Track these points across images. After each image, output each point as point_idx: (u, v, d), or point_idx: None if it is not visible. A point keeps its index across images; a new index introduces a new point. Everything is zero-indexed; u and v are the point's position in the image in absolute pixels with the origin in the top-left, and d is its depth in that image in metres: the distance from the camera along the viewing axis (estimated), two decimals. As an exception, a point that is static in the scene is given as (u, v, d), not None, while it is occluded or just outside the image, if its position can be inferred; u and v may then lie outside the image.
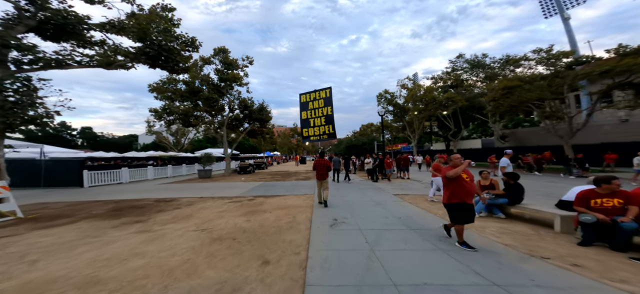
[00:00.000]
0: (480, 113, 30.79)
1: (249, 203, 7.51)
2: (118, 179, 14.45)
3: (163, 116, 16.19)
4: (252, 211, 6.39)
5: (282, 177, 16.12)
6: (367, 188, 10.44)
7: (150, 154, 33.57)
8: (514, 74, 23.61)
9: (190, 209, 6.74)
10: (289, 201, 7.70)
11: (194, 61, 19.05)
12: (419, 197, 8.09)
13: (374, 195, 8.70)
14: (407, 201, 7.38)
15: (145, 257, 3.54)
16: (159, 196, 9.11)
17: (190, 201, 7.83)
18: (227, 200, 8.09)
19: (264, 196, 8.73)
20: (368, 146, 21.21)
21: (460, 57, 29.47)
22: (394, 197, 8.06)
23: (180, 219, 5.64)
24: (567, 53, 15.08)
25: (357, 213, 6.00)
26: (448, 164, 3.93)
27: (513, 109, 19.17)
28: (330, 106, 8.27)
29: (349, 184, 12.08)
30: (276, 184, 12.46)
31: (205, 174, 16.81)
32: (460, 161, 3.68)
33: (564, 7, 39.38)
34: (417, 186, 11.22)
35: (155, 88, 15.34)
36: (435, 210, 6.13)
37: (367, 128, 47.62)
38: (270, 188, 10.83)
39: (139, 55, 7.37)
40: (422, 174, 16.34)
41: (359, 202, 7.44)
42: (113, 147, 57.07)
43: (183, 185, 12.84)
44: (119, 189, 11.88)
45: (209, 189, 10.97)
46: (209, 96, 16.42)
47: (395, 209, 6.31)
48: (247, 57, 20.77)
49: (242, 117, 22.55)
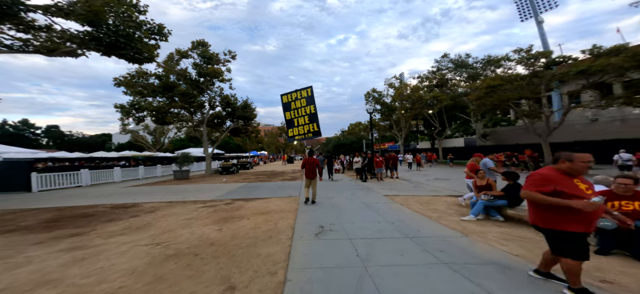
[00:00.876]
0: (463, 112, 31.64)
1: (224, 208, 6.65)
2: (77, 182, 12.81)
3: (131, 113, 14.57)
4: (227, 218, 5.56)
5: (267, 178, 15.23)
6: (356, 189, 9.90)
7: (123, 154, 31.01)
8: (495, 74, 24.41)
9: (150, 216, 5.76)
10: (271, 205, 6.94)
11: (169, 54, 17.57)
12: (410, 198, 7.64)
13: (363, 196, 8.15)
14: (399, 203, 6.89)
15: (59, 286, 2.66)
16: (118, 201, 7.94)
17: (154, 207, 6.81)
18: (200, 204, 7.16)
19: (243, 199, 7.88)
20: (356, 145, 20.78)
21: (445, 57, 29.96)
22: (385, 199, 7.56)
23: (132, 231, 4.69)
24: (545, 53, 15.56)
25: (346, 218, 5.38)
26: (564, 163, 2.27)
27: (495, 108, 19.66)
28: (313, 104, 8.26)
29: (336, 184, 11.51)
30: (260, 185, 11.59)
31: (182, 175, 15.48)
32: (586, 165, 2.22)
33: (539, 11, 41.61)
34: (406, 186, 10.86)
35: (122, 82, 13.75)
36: (429, 212, 5.66)
37: (356, 127, 47.53)
38: (252, 190, 9.96)
39: (89, 41, 6.22)
40: (411, 174, 16.16)
41: (347, 204, 6.84)
42: (83, 147, 53.03)
43: (153, 188, 11.57)
44: (75, 193, 10.42)
45: (181, 192, 9.88)
46: (185, 92, 15.07)
47: (387, 213, 5.77)
48: (230, 52, 19.55)
49: (224, 114, 21.25)
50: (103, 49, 6.38)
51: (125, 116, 14.43)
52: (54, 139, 59.77)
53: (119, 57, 6.83)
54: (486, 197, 4.71)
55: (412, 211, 5.85)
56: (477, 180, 5.08)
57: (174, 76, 16.69)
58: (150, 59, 7.41)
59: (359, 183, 11.78)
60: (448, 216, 5.30)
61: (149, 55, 7.37)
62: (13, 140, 47.75)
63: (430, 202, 6.93)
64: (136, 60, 7.17)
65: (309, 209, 6.27)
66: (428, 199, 7.29)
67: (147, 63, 7.51)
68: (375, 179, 13.01)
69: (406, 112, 30.80)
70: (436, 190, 9.58)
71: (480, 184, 5.00)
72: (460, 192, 9.24)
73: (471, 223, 4.67)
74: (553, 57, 15.53)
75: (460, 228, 4.43)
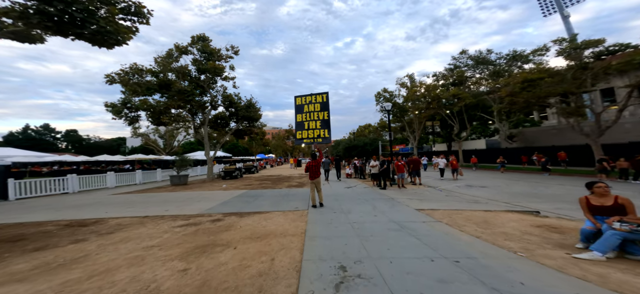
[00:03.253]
0: (485, 112, 29.14)
1: (209, 228, 5.00)
2: (64, 189, 11.62)
3: (122, 112, 13.33)
4: (205, 247, 3.90)
5: (272, 184, 13.60)
6: (377, 198, 8.07)
7: (128, 158, 30.45)
8: (522, 70, 22.01)
9: (96, 243, 4.15)
10: (271, 223, 5.24)
11: (168, 51, 16.45)
12: (454, 214, 5.73)
13: (389, 209, 6.32)
14: (444, 222, 5.01)
15: None
16: (83, 215, 6.46)
17: (119, 225, 5.24)
18: (181, 221, 5.55)
19: (238, 214, 6.23)
20: (370, 147, 18.82)
21: (464, 54, 27.78)
22: (420, 215, 5.69)
23: (46, 271, 3.07)
24: (596, 41, 13.25)
25: (376, 249, 3.60)
26: None
27: (529, 105, 17.32)
28: (327, 111, 8.28)
29: (351, 192, 9.71)
30: (262, 193, 9.96)
31: (180, 180, 14.09)
32: None
33: (563, 5, 38.57)
34: (436, 194, 8.91)
35: (114, 79, 12.58)
36: (501, 240, 3.78)
37: (365, 129, 45.56)
38: (251, 200, 8.32)
39: (32, 16, 4.80)
40: (436, 179, 13.96)
41: (372, 223, 5.04)
42: (100, 150, 54.38)
43: (141, 196, 10.16)
44: (50, 203, 9.13)
45: (168, 202, 8.35)
46: (182, 89, 13.77)
47: (436, 240, 3.93)
48: (232, 47, 18.31)
49: (227, 115, 19.97)
50: (52, 26, 4.95)
51: (116, 116, 13.25)
52: (73, 143, 61.88)
53: (79, 38, 5.41)
54: (628, 226, 2.79)
55: (473, 237, 3.99)
56: (593, 197, 3.20)
57: (173, 73, 15.51)
58: (121, 42, 5.94)
59: (377, 191, 9.93)
60: (540, 248, 3.41)
61: (121, 38, 5.91)
62: (34, 144, 49.47)
63: (489, 220, 5.01)
64: (103, 43, 5.72)
65: (321, 232, 4.53)
66: (483, 216, 5.37)
67: (117, 46, 6.03)
68: (395, 186, 11.13)
69: (421, 112, 28.64)
70: (478, 200, 7.60)
71: (605, 205, 3.09)
72: (509, 201, 7.28)
73: (599, 265, 2.78)
74: (606, 46, 13.20)
75: (592, 277, 2.55)
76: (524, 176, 14.43)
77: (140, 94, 13.44)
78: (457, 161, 14.16)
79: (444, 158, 14.62)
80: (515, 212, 5.73)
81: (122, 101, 13.20)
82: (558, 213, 5.69)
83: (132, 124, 13.94)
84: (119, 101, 13.27)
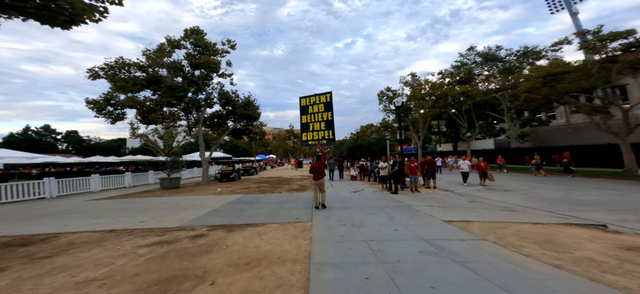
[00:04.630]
0: (493, 110, 27.97)
1: (183, 249, 3.86)
2: (41, 193, 10.51)
3: (105, 109, 12.14)
4: (170, 280, 2.75)
5: (271, 187, 12.47)
6: (391, 206, 6.92)
7: (124, 159, 29.40)
8: (533, 66, 20.87)
9: (19, 273, 2.99)
10: (265, 241, 4.10)
11: (159, 45, 15.33)
12: (498, 227, 4.57)
13: (410, 221, 5.17)
14: (491, 240, 3.85)
15: None
16: (38, 229, 5.32)
17: (71, 243, 4.09)
18: (153, 237, 4.42)
19: (226, 227, 5.09)
20: (376, 147, 17.60)
21: (472, 50, 26.64)
22: (452, 229, 4.54)
23: None
24: (627, 33, 12.08)
25: (412, 286, 2.44)
26: None
27: (548, 102, 16.12)
28: (331, 111, 8.24)
29: (359, 197, 8.57)
30: (259, 198, 8.83)
31: (171, 183, 12.95)
32: None
33: (572, 2, 37.36)
34: (458, 201, 7.74)
35: (97, 74, 11.42)
36: (597, 272, 2.63)
37: (367, 129, 44.32)
38: (245, 207, 7.18)
39: None
40: (446, 181, 12.71)
41: (396, 242, 3.89)
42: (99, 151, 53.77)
43: (120, 203, 9.03)
44: (20, 210, 8.03)
45: (148, 210, 7.22)
46: (173, 85, 12.64)
47: (499, 272, 2.77)
48: (229, 41, 17.23)
49: (224, 113, 18.87)
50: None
51: (98, 113, 12.09)
52: (73, 144, 61.46)
53: (20, 13, 4.31)
54: None
55: (550, 266, 2.83)
56: None
57: (165, 69, 14.40)
58: (77, 21, 4.81)
59: (389, 196, 8.78)
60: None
61: (75, 13, 4.76)
62: (33, 145, 48.88)
63: (552, 239, 3.83)
64: (53, 21, 4.61)
65: (330, 255, 3.38)
66: (539, 232, 4.19)
67: (74, 26, 4.91)
68: (407, 190, 9.99)
69: (427, 111, 27.44)
70: (511, 208, 6.44)
71: None
72: (551, 210, 5.94)
73: None
74: (637, 37, 12.02)
75: None
76: (542, 178, 13.22)
77: (128, 90, 12.31)
78: (486, 163, 10.83)
79: (468, 159, 11.46)
80: (577, 226, 4.55)
81: (105, 97, 12.00)
82: (630, 227, 4.51)
83: (116, 122, 12.78)
84: (101, 97, 12.09)
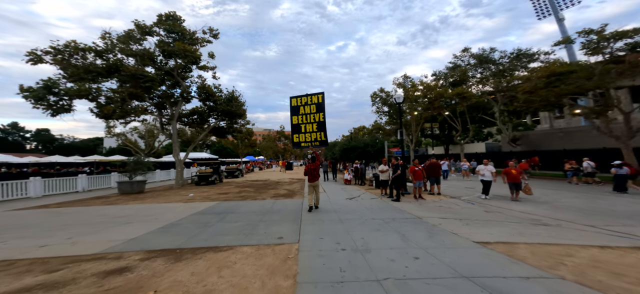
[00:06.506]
0: (485, 113, 27.80)
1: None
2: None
3: (45, 98, 9.80)
4: None
5: (254, 192, 10.89)
6: (397, 218, 5.59)
7: (89, 159, 26.40)
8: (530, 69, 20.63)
9: None
10: (223, 285, 2.58)
11: (127, 31, 13.22)
12: (556, 251, 3.31)
13: (429, 243, 3.84)
14: (560, 274, 2.56)
15: None
16: None
17: None
18: (31, 278, 2.79)
19: (171, 254, 3.54)
20: (372, 149, 16.36)
21: (466, 52, 26.30)
22: (495, 255, 3.24)
23: None
24: (633, 31, 11.61)
25: None
26: None
27: (547, 105, 15.62)
28: (323, 112, 7.94)
29: (356, 205, 7.22)
30: (236, 207, 7.25)
31: (132, 188, 10.95)
32: None
33: (558, 9, 38.51)
34: (475, 212, 6.54)
35: (39, 58, 9.13)
36: None
37: (359, 131, 43.40)
38: (213, 221, 5.60)
39: None
40: (448, 186, 11.61)
41: (425, 284, 2.51)
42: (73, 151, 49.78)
43: (43, 213, 7.12)
44: None
45: (70, 225, 5.46)
46: (136, 73, 10.67)
47: None
48: (211, 30, 15.49)
49: (205, 110, 17.00)
50: None
51: (36, 103, 9.78)
52: (44, 143, 56.83)
53: None
54: None
55: None
56: None
57: (133, 58, 12.39)
58: None
59: (391, 204, 7.49)
60: None
61: None
62: (0, 144, 44.77)
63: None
64: None
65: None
66: (629, 263, 2.96)
67: None
68: (408, 196, 8.78)
69: (422, 111, 26.76)
70: (545, 222, 5.18)
71: None
72: (594, 225, 4.02)
73: None
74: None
75: None
76: (547, 183, 12.51)
77: (79, 78, 10.13)
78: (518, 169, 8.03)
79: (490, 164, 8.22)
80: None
81: (44, 84, 9.72)
82: None
83: (58, 114, 10.58)
84: (39, 83, 9.80)
